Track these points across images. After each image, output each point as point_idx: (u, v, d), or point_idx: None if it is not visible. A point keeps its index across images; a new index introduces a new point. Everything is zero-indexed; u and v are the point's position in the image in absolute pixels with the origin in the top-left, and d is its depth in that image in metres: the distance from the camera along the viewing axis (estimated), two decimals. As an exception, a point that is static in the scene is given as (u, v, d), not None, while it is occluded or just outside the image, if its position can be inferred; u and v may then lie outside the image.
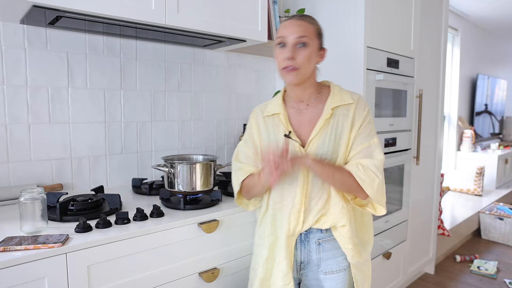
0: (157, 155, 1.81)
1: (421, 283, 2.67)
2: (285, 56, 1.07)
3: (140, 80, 1.72)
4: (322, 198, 1.13)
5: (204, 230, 1.24)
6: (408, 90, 2.24)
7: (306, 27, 1.08)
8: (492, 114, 5.48)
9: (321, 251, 1.16)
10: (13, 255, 0.89)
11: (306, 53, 1.07)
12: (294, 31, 1.07)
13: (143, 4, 1.29)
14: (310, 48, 1.08)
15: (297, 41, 1.07)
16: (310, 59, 1.08)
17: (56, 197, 1.21)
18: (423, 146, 2.47)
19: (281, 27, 1.11)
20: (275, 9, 1.97)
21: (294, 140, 1.13)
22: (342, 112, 1.13)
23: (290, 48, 1.06)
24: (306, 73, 1.09)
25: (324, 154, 1.11)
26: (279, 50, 1.10)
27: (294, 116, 1.17)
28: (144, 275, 1.12)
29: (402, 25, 2.12)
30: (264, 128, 1.20)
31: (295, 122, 1.16)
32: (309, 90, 1.15)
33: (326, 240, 1.16)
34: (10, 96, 1.38)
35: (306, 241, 1.17)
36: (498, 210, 3.72)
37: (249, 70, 2.16)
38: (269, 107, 1.21)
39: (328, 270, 1.16)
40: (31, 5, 1.12)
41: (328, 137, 1.11)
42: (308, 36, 1.07)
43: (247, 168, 1.22)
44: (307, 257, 1.17)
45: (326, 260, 1.16)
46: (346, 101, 1.13)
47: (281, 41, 1.09)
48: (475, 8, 4.22)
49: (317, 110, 1.15)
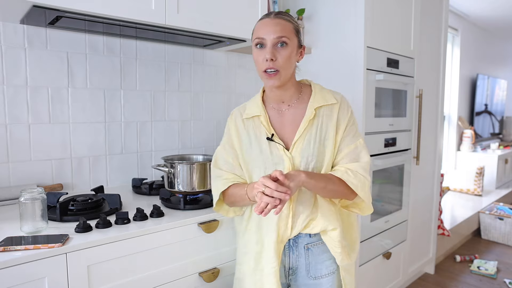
0: (157, 155, 1.81)
1: (421, 283, 2.67)
2: (265, 57, 1.02)
3: (140, 80, 1.72)
4: (310, 202, 1.10)
5: (204, 230, 1.24)
6: (408, 90, 2.24)
7: (284, 25, 1.03)
8: (492, 114, 5.48)
9: (310, 255, 1.14)
10: (13, 255, 0.89)
11: (287, 53, 1.03)
12: (273, 31, 1.02)
13: (143, 4, 1.29)
14: (290, 48, 1.04)
15: (277, 41, 1.02)
16: (291, 58, 1.05)
17: (56, 197, 1.21)
18: (423, 146, 2.47)
19: (258, 26, 1.06)
20: (275, 9, 1.97)
21: (278, 143, 1.09)
22: (325, 113, 1.10)
23: (270, 49, 1.02)
24: (287, 74, 1.06)
25: (309, 155, 1.08)
26: (257, 51, 1.05)
27: (275, 117, 1.13)
28: (144, 275, 1.12)
29: (402, 25, 2.12)
30: (244, 131, 1.15)
31: (277, 124, 1.12)
32: (290, 90, 1.12)
33: (314, 244, 1.14)
34: (10, 96, 1.38)
35: (294, 247, 1.14)
36: (498, 210, 3.72)
37: (249, 70, 2.16)
38: (248, 109, 1.16)
39: (317, 275, 1.14)
40: (31, 5, 1.12)
41: (313, 138, 1.08)
42: (287, 35, 1.03)
43: (226, 176, 1.16)
44: (295, 262, 1.15)
45: (315, 264, 1.14)
46: (329, 101, 1.10)
47: (259, 41, 1.04)
48: (475, 8, 4.22)
49: (299, 110, 1.12)
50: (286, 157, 1.08)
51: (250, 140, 1.13)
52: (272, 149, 1.10)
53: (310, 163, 1.08)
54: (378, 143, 1.99)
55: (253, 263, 1.14)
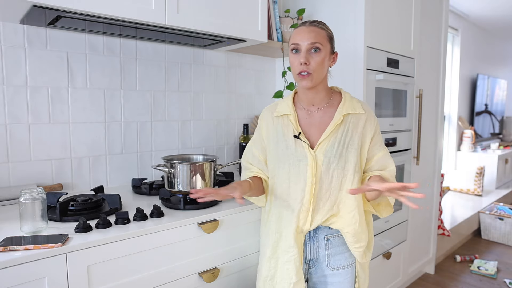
0: (157, 155, 1.81)
1: (421, 283, 2.67)
2: (300, 61, 1.11)
3: (140, 80, 1.72)
4: (330, 199, 1.15)
5: (204, 230, 1.24)
6: (408, 90, 2.24)
7: (318, 32, 1.12)
8: (492, 114, 5.48)
9: (329, 247, 1.19)
10: (13, 255, 0.89)
11: (319, 58, 1.11)
12: (307, 37, 1.11)
13: (143, 4, 1.29)
14: (323, 53, 1.12)
15: (310, 47, 1.11)
16: (323, 63, 1.13)
17: (56, 197, 1.21)
18: (423, 146, 2.47)
19: (294, 33, 1.15)
20: (275, 9, 1.97)
21: (303, 141, 1.15)
22: (352, 120, 1.17)
23: (304, 54, 1.11)
24: (319, 77, 1.13)
25: (331, 157, 1.14)
26: (293, 56, 1.14)
27: (304, 118, 1.20)
28: (144, 275, 1.12)
29: (402, 25, 2.12)
30: (273, 128, 1.23)
31: (305, 124, 1.19)
32: (321, 94, 1.19)
33: (334, 235, 1.19)
34: (10, 96, 1.38)
35: (315, 237, 1.19)
36: (498, 210, 3.72)
37: (249, 70, 2.16)
38: (279, 108, 1.24)
39: (336, 266, 1.19)
40: (31, 5, 1.12)
41: (338, 142, 1.14)
42: (320, 41, 1.11)
43: (253, 169, 1.29)
44: (316, 253, 1.20)
45: (334, 255, 1.19)
46: (357, 110, 1.18)
47: (295, 47, 1.13)
48: (475, 8, 4.22)
49: (327, 114, 1.18)
50: (310, 155, 1.14)
51: (278, 136, 1.21)
52: (297, 146, 1.17)
53: (331, 164, 1.14)
54: (378, 143, 1.99)
55: (269, 251, 1.21)
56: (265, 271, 1.23)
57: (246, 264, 1.40)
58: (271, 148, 1.23)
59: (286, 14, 2.07)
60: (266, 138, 1.25)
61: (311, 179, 1.13)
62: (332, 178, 1.14)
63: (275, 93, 2.15)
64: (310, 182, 1.14)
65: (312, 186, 1.14)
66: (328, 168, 1.14)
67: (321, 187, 1.14)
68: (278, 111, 1.23)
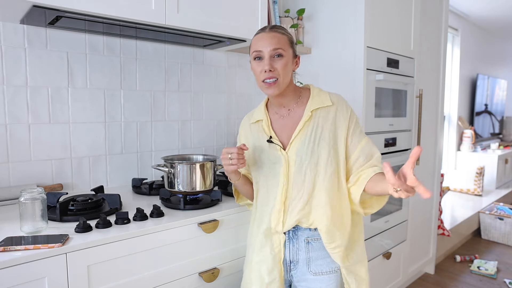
0: (157, 155, 1.81)
1: (421, 283, 2.67)
2: (264, 69, 1.10)
3: (140, 80, 1.72)
4: (302, 199, 1.13)
5: (204, 230, 1.24)
6: (408, 90, 2.24)
7: (280, 38, 1.12)
8: (492, 114, 5.48)
9: (310, 250, 1.15)
10: (13, 255, 0.89)
11: (283, 62, 1.11)
12: (269, 44, 1.10)
13: (143, 4, 1.29)
14: (286, 58, 1.12)
15: (273, 53, 1.10)
16: (287, 67, 1.12)
17: (56, 197, 1.21)
18: (423, 146, 2.47)
19: (255, 40, 1.14)
20: (275, 9, 1.97)
21: (276, 144, 1.17)
22: (321, 114, 1.16)
23: (268, 61, 1.10)
24: (284, 81, 1.13)
25: (303, 155, 1.13)
26: (256, 63, 1.13)
27: (276, 121, 1.22)
28: (144, 275, 1.12)
29: (402, 25, 2.12)
30: (251, 135, 1.26)
31: (278, 127, 1.20)
32: (289, 96, 1.19)
33: (315, 239, 1.15)
34: (10, 96, 1.38)
35: (294, 239, 1.16)
36: (498, 210, 3.72)
37: (249, 70, 2.16)
38: (255, 115, 1.27)
39: (317, 271, 1.14)
40: (31, 5, 1.12)
41: (308, 139, 1.13)
42: (282, 47, 1.11)
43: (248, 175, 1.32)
44: (296, 256, 1.16)
45: (316, 260, 1.14)
46: (325, 103, 1.16)
47: (258, 54, 1.12)
48: (475, 8, 4.22)
49: (298, 114, 1.19)
50: (282, 156, 1.15)
51: (255, 143, 1.24)
52: (271, 150, 1.18)
53: (304, 161, 1.13)
54: (378, 143, 1.99)
55: (250, 254, 1.23)
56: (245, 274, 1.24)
57: (246, 264, 1.40)
58: (250, 155, 1.25)
59: (286, 14, 2.07)
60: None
61: (283, 179, 1.14)
62: (305, 176, 1.13)
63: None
64: (282, 182, 1.14)
65: (284, 186, 1.14)
66: (300, 167, 1.13)
67: (293, 187, 1.14)
68: (253, 118, 1.26)
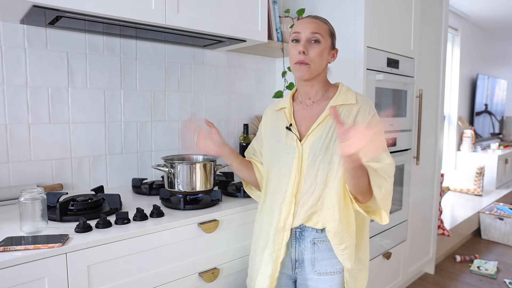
0: (157, 155, 1.81)
1: (421, 283, 2.67)
2: (298, 50, 1.10)
3: (140, 80, 1.72)
4: (313, 195, 1.11)
5: (204, 230, 1.24)
6: (408, 90, 2.24)
7: (320, 25, 1.12)
8: (492, 114, 5.48)
9: (316, 251, 1.15)
10: (13, 255, 0.89)
11: (318, 49, 1.11)
12: (308, 27, 1.11)
13: (143, 4, 1.29)
14: (322, 45, 1.11)
15: (310, 37, 1.10)
16: (322, 55, 1.12)
17: (56, 197, 1.21)
18: (423, 146, 2.47)
19: (296, 24, 1.15)
20: (275, 9, 1.97)
21: (294, 133, 1.15)
22: (343, 112, 1.13)
23: (304, 43, 1.10)
24: (316, 69, 1.12)
25: (317, 150, 1.11)
26: (292, 45, 1.14)
27: (299, 111, 1.20)
28: (144, 275, 1.12)
29: (402, 25, 2.12)
30: (271, 122, 1.26)
31: (299, 117, 1.19)
32: (317, 87, 1.18)
33: (321, 240, 1.14)
34: (10, 96, 1.38)
35: (300, 239, 1.16)
36: (498, 210, 3.72)
37: (249, 70, 2.16)
38: (280, 103, 1.27)
39: (322, 271, 1.14)
40: (31, 5, 1.12)
41: (325, 134, 1.11)
42: (321, 33, 1.11)
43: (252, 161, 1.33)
44: (301, 255, 1.16)
45: (321, 260, 1.15)
46: (349, 101, 1.13)
47: (295, 37, 1.13)
48: (475, 8, 4.22)
49: (320, 107, 1.17)
50: (297, 147, 1.14)
51: (273, 129, 1.24)
52: (288, 139, 1.17)
53: (317, 156, 1.11)
54: (378, 143, 1.99)
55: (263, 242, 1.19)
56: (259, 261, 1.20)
57: (246, 264, 1.40)
58: (266, 142, 1.25)
59: (286, 14, 2.07)
60: (264, 132, 1.28)
61: (295, 172, 1.12)
62: (318, 172, 1.10)
63: (275, 93, 2.15)
64: (294, 175, 1.12)
65: (296, 179, 1.12)
66: (313, 161, 1.11)
67: (305, 181, 1.12)
68: (278, 105, 1.26)
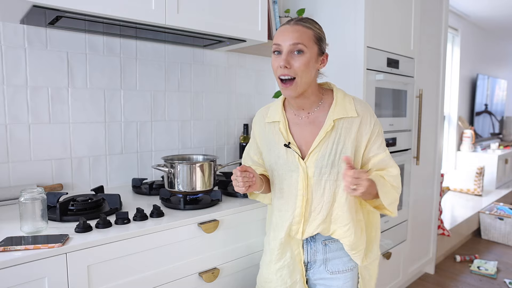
0: (157, 155, 1.81)
1: (421, 283, 2.67)
2: (280, 64, 1.01)
3: (140, 80, 1.72)
4: (321, 213, 1.10)
5: (204, 230, 1.24)
6: (408, 90, 2.24)
7: (302, 32, 1.01)
8: (492, 114, 5.48)
9: (327, 251, 1.16)
10: (13, 255, 0.89)
11: (303, 60, 1.00)
12: (289, 38, 1.00)
13: (143, 4, 1.29)
14: (307, 55, 1.01)
15: (292, 48, 1.00)
16: (308, 66, 1.01)
17: (56, 197, 1.21)
18: (423, 146, 2.47)
19: (277, 33, 1.05)
20: (275, 9, 1.97)
21: (294, 151, 1.10)
22: (344, 125, 1.07)
23: (285, 56, 1.00)
24: (304, 81, 1.03)
25: (323, 168, 1.07)
26: (274, 57, 1.05)
27: (294, 124, 1.13)
28: (144, 275, 1.12)
29: (402, 25, 2.12)
30: (265, 135, 1.18)
31: (296, 131, 1.12)
32: (310, 99, 1.10)
33: (332, 241, 1.16)
34: (10, 96, 1.38)
35: (312, 242, 1.17)
36: (498, 210, 3.72)
37: (249, 70, 2.16)
38: (270, 113, 1.17)
39: (334, 270, 1.16)
40: (31, 5, 1.12)
41: (329, 151, 1.07)
42: (303, 42, 1.00)
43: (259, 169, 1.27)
44: (313, 257, 1.17)
45: (332, 260, 1.16)
46: (350, 114, 1.07)
47: (276, 48, 1.03)
48: (475, 8, 4.22)
49: (318, 119, 1.10)
50: (300, 167, 1.09)
51: (270, 144, 1.16)
52: (289, 156, 1.11)
53: (323, 175, 1.08)
54: (378, 143, 1.99)
55: (269, 255, 1.20)
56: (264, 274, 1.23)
57: (246, 264, 1.40)
58: (265, 155, 1.20)
59: (286, 14, 2.07)
60: (260, 144, 1.22)
61: (302, 191, 1.09)
62: (325, 190, 1.08)
63: (275, 93, 2.15)
64: (301, 195, 1.09)
65: (304, 198, 1.09)
66: (319, 180, 1.07)
67: (313, 200, 1.09)
68: (268, 117, 1.17)
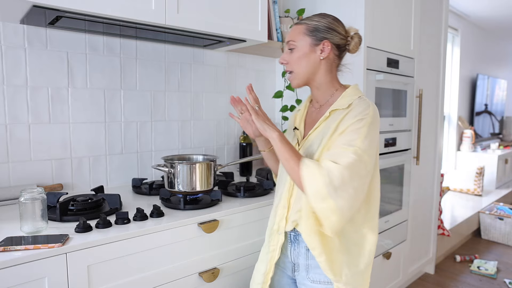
0: (157, 155, 1.81)
1: (421, 283, 2.67)
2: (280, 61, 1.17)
3: (140, 80, 1.72)
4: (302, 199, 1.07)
5: (204, 230, 1.24)
6: (408, 90, 2.24)
7: (295, 30, 1.13)
8: (492, 114, 5.48)
9: (309, 257, 1.12)
10: (13, 255, 0.89)
11: (295, 55, 1.12)
12: (287, 38, 1.15)
13: (143, 4, 1.29)
14: (298, 50, 1.12)
15: (288, 47, 1.14)
16: (300, 59, 1.12)
17: (56, 197, 1.21)
18: (423, 146, 2.47)
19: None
20: (275, 9, 1.97)
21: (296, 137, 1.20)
22: (332, 117, 1.09)
23: (284, 54, 1.15)
24: (303, 72, 1.13)
25: (310, 155, 1.08)
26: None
27: (311, 114, 1.23)
28: (144, 275, 1.12)
29: (402, 25, 2.12)
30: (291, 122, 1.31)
31: (308, 120, 1.22)
32: (321, 91, 1.17)
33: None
34: (10, 96, 1.38)
35: (296, 243, 1.14)
36: (498, 210, 3.72)
37: (249, 70, 2.16)
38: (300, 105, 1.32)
39: (315, 279, 1.11)
40: (31, 5, 1.12)
41: (319, 140, 1.08)
42: (293, 39, 1.12)
43: None
44: (297, 259, 1.15)
45: (314, 268, 1.11)
46: (343, 106, 1.07)
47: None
48: (475, 8, 4.22)
49: (323, 111, 1.17)
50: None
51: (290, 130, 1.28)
52: (293, 141, 1.21)
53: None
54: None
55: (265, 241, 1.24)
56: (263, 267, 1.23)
57: (246, 264, 1.40)
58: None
59: (286, 14, 2.07)
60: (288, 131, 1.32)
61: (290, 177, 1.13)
62: None
63: (275, 93, 2.15)
64: (289, 181, 1.14)
65: (290, 183, 1.13)
66: None
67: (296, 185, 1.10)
68: (298, 107, 1.30)
